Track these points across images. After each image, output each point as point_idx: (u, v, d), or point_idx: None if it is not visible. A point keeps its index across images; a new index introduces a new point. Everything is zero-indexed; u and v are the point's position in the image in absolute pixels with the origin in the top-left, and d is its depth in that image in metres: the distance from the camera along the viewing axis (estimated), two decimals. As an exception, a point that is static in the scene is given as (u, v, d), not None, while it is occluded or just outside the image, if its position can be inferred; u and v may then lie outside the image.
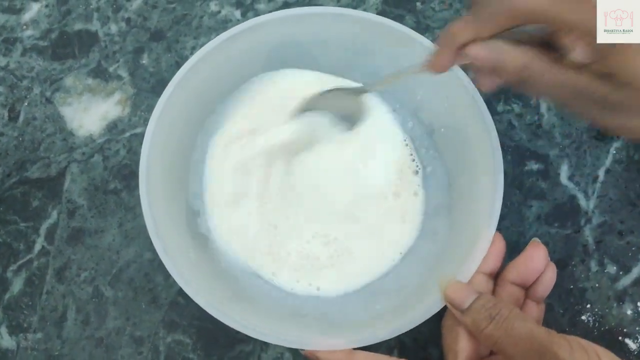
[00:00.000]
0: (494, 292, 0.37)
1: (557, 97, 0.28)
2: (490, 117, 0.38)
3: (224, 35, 0.39)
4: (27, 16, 0.51)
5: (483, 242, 0.36)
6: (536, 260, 0.36)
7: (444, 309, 0.36)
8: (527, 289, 0.37)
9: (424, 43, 0.39)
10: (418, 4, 0.50)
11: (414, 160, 0.44)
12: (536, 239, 0.37)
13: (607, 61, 0.25)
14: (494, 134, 0.37)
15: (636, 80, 0.25)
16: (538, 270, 0.36)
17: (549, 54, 0.27)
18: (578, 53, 0.27)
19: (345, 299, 0.40)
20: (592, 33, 0.24)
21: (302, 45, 0.42)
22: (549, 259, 0.37)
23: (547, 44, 0.28)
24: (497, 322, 0.31)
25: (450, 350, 0.35)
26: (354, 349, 0.34)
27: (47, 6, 0.51)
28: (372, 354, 0.34)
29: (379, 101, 0.45)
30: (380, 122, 0.44)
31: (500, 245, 0.36)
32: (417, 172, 0.43)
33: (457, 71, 0.39)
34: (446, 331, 0.36)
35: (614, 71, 0.25)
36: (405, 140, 0.44)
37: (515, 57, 0.28)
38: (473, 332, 0.33)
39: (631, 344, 0.42)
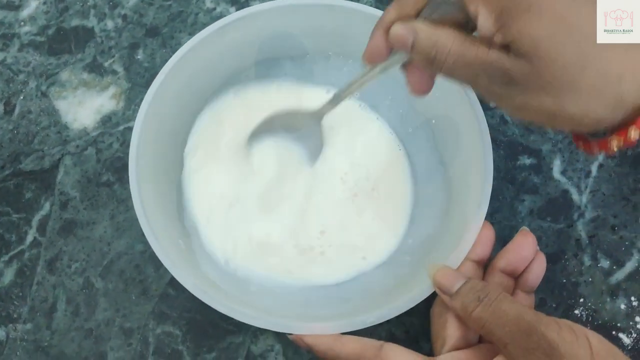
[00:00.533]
0: (483, 280, 0.36)
1: (465, 77, 0.28)
2: (480, 106, 0.38)
3: (215, 25, 0.39)
4: (25, 13, 0.51)
5: (472, 229, 0.35)
6: (526, 249, 0.36)
7: (434, 298, 0.36)
8: (516, 278, 0.37)
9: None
10: (411, 1, 0.51)
11: (400, 149, 0.44)
12: (525, 228, 0.37)
13: (506, 30, 0.24)
14: (483, 122, 0.38)
15: (533, 49, 0.24)
16: (527, 259, 0.36)
17: (462, 33, 0.28)
18: (482, 22, 0.26)
19: (335, 287, 0.40)
20: None
21: (293, 36, 0.42)
22: (538, 248, 0.37)
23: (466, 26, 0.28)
24: (485, 304, 0.31)
25: (438, 337, 0.34)
26: (342, 334, 0.34)
27: (45, 3, 0.52)
28: (358, 337, 0.33)
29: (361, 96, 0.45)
30: (362, 118, 0.45)
31: (489, 233, 0.36)
32: (405, 163, 0.43)
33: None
34: (435, 318, 0.36)
35: (513, 40, 0.24)
36: (391, 134, 0.44)
37: (427, 34, 0.28)
38: (461, 316, 0.32)
39: (625, 339, 0.41)
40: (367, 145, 0.44)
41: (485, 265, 0.37)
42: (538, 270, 0.36)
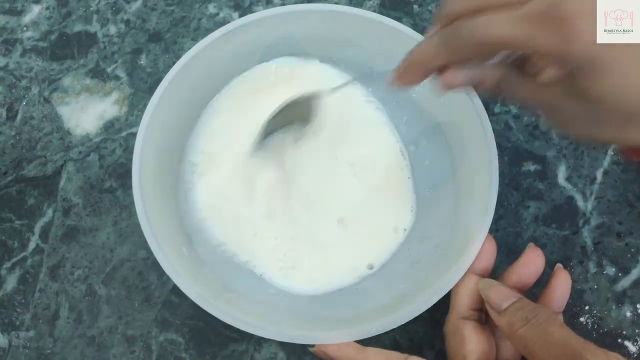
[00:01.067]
0: None
1: (530, 107, 0.29)
2: (486, 114, 0.38)
3: (219, 31, 0.39)
4: (27, 18, 0.51)
5: (476, 240, 0.35)
6: (537, 263, 0.36)
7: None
8: (541, 299, 0.36)
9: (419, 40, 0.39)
10: (415, 6, 0.51)
11: (402, 154, 0.43)
12: (532, 244, 0.37)
13: (576, 81, 0.26)
14: (489, 131, 0.37)
15: (603, 99, 0.25)
16: (538, 273, 0.36)
17: (518, 71, 0.29)
18: (549, 73, 0.27)
19: (338, 295, 0.39)
20: (563, 58, 0.25)
21: (296, 42, 0.42)
22: (562, 266, 0.37)
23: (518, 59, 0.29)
24: (532, 324, 0.31)
25: (457, 354, 0.34)
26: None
27: (47, 8, 0.51)
28: (382, 349, 0.33)
29: (368, 100, 0.44)
30: (368, 122, 0.44)
31: (491, 246, 0.36)
32: (408, 171, 0.43)
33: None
34: (449, 336, 0.35)
35: (583, 89, 0.26)
36: (398, 142, 0.44)
37: (490, 76, 0.29)
38: (506, 333, 0.32)
39: (631, 347, 0.41)
40: (370, 150, 0.43)
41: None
42: (565, 290, 0.35)
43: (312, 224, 0.41)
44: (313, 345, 0.34)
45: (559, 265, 0.37)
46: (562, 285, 0.36)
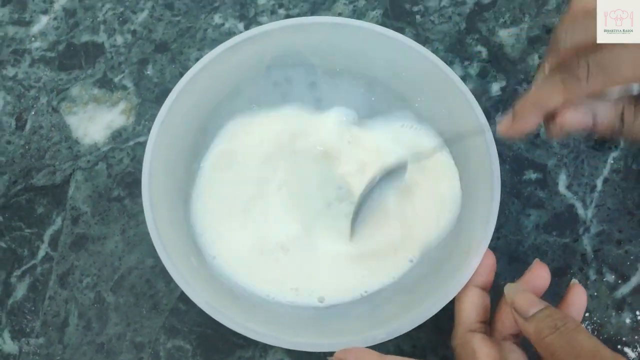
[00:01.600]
0: (500, 310, 0.36)
1: None
2: (487, 123, 0.39)
3: (226, 44, 0.40)
4: (35, 28, 0.52)
5: (479, 248, 0.36)
6: (544, 279, 0.36)
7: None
8: None
9: (422, 52, 0.40)
10: (418, 17, 0.51)
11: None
12: (538, 259, 0.37)
13: None
14: (491, 140, 0.38)
15: None
16: (544, 289, 0.36)
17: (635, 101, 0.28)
18: None
19: (344, 304, 0.40)
20: None
21: (301, 54, 0.43)
22: (577, 281, 0.38)
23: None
24: (561, 332, 0.30)
25: None
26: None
27: (55, 19, 0.52)
28: (403, 357, 0.33)
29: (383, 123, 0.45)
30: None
31: (490, 259, 0.36)
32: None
33: (454, 79, 0.39)
34: (460, 350, 0.35)
35: None
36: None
37: (609, 114, 0.28)
38: (532, 340, 0.32)
39: (630, 353, 0.42)
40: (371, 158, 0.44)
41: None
42: (581, 302, 0.35)
43: (320, 238, 0.42)
44: (332, 354, 0.34)
45: (574, 280, 0.37)
46: (579, 299, 0.36)
